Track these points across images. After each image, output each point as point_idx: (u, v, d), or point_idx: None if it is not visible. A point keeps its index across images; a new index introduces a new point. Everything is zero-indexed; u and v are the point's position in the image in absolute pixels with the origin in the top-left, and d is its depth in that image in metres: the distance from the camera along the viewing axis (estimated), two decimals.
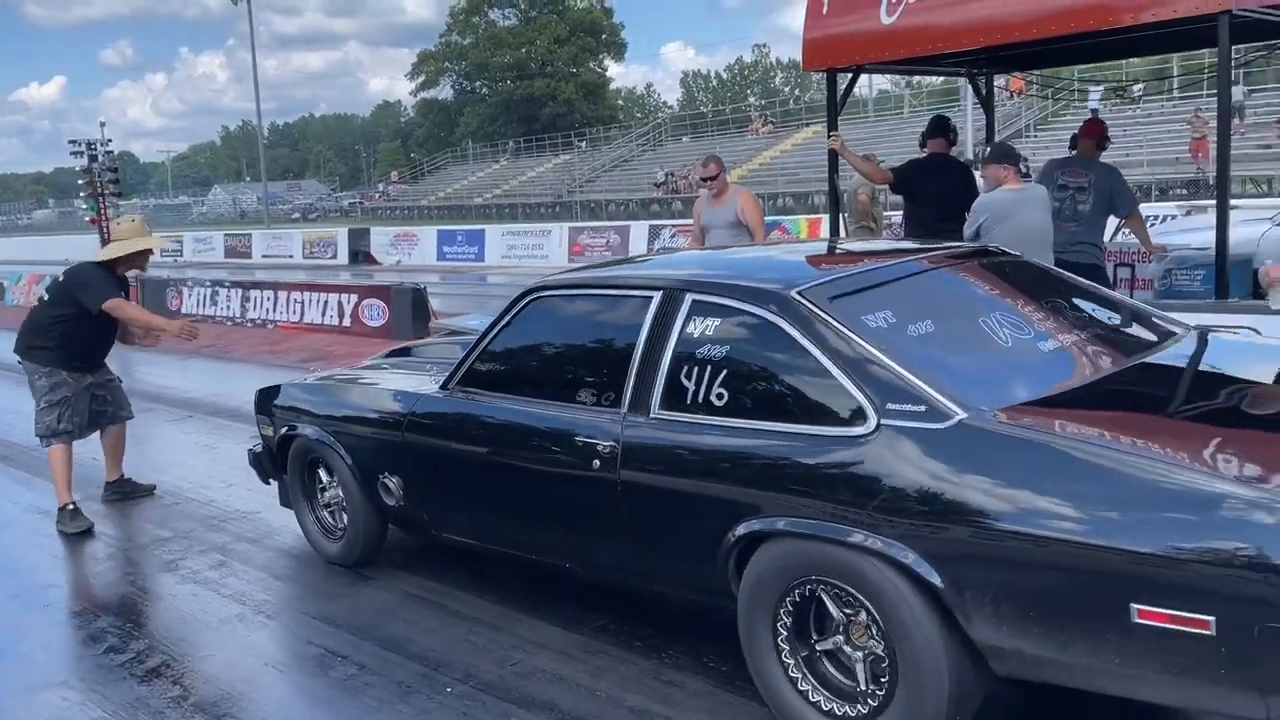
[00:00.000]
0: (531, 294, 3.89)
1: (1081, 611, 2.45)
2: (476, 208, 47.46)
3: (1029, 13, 5.86)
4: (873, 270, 3.42)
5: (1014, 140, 27.91)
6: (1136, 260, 7.49)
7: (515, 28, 67.83)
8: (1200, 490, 2.33)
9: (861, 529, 2.72)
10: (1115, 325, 3.54)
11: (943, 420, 2.67)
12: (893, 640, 2.73)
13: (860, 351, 2.88)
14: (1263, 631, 2.19)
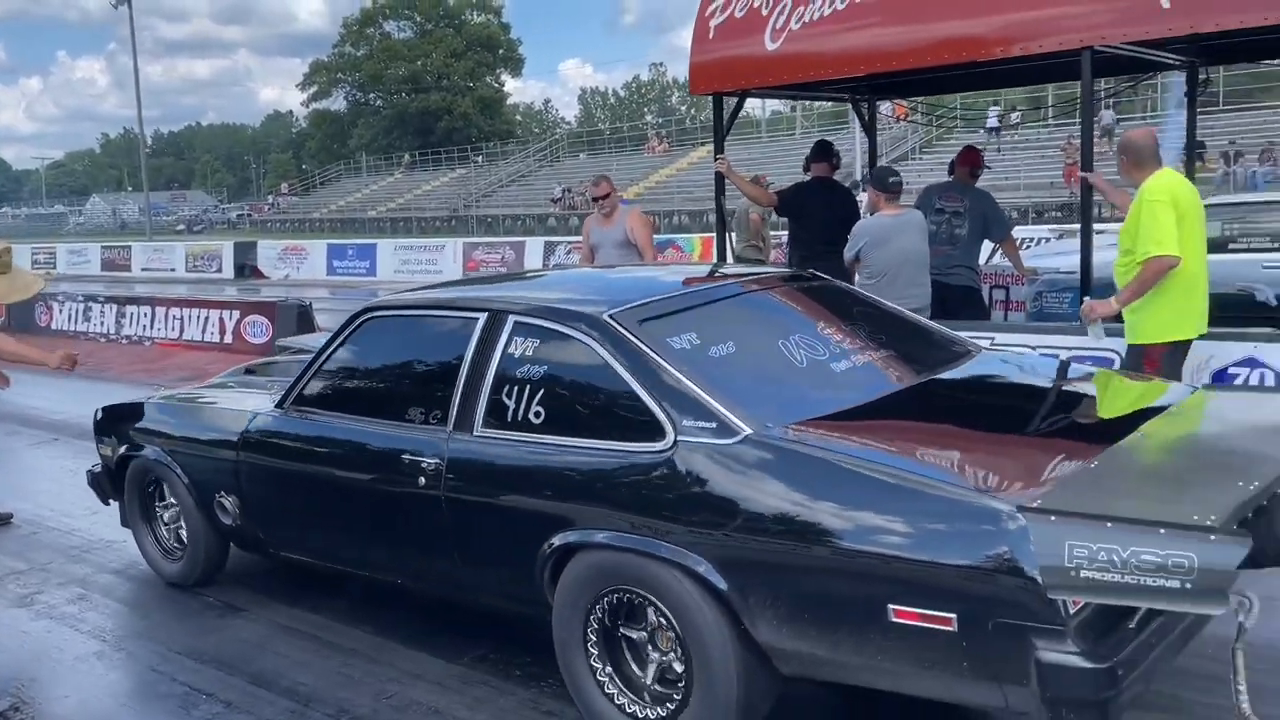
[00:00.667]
0: (364, 314, 3.98)
1: (849, 613, 2.65)
2: (370, 221, 46.64)
3: (907, 43, 6.03)
4: (685, 295, 3.61)
5: (900, 163, 28.72)
6: (1010, 283, 7.76)
7: (410, 40, 67.04)
8: (946, 498, 2.52)
9: (659, 540, 2.89)
10: (909, 345, 3.74)
11: (731, 436, 2.85)
12: (688, 644, 2.89)
13: (662, 372, 3.04)
14: (996, 626, 2.39)
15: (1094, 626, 2.41)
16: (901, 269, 6.06)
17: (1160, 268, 4.59)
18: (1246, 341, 5.11)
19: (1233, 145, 24.45)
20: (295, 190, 61.51)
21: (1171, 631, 2.58)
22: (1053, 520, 2.30)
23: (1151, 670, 2.52)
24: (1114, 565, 2.19)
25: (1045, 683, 2.34)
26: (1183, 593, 2.15)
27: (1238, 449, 2.92)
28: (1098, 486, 2.54)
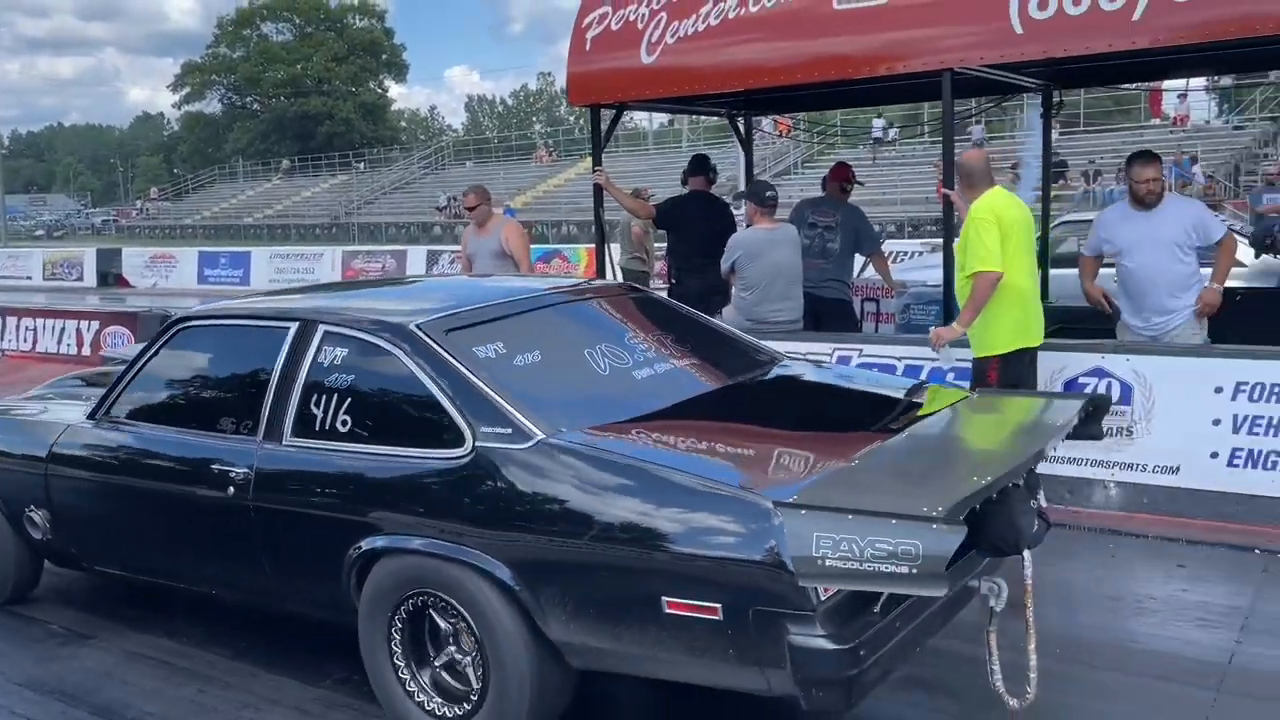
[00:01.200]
0: (177, 324, 3.99)
1: (628, 606, 2.79)
2: (246, 228, 45.21)
3: (779, 61, 6.14)
4: (496, 305, 3.68)
5: (783, 178, 29.37)
6: (880, 296, 7.97)
7: (289, 43, 65.38)
8: (712, 494, 2.70)
9: (457, 543, 3.00)
10: (712, 355, 3.93)
11: (525, 441, 2.97)
12: (484, 643, 2.99)
13: (463, 380, 3.14)
14: (755, 614, 2.56)
15: (842, 611, 2.59)
16: (775, 282, 6.17)
17: (986, 283, 4.86)
18: (1094, 352, 5.36)
19: (1092, 164, 25.74)
20: (166, 195, 59.14)
21: (918, 616, 2.78)
22: (803, 514, 2.48)
23: (899, 651, 2.73)
24: (854, 554, 2.37)
25: (796, 664, 2.52)
26: (910, 577, 2.34)
27: (980, 447, 3.21)
28: (850, 482, 2.76)
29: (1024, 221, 5.04)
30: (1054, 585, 4.39)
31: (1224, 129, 29.04)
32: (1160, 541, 4.79)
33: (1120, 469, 5.24)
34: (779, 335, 6.24)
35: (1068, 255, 9.30)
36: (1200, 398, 5.06)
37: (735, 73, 6.31)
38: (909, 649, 2.82)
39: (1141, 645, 3.82)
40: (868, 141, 31.12)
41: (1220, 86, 27.32)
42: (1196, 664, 3.59)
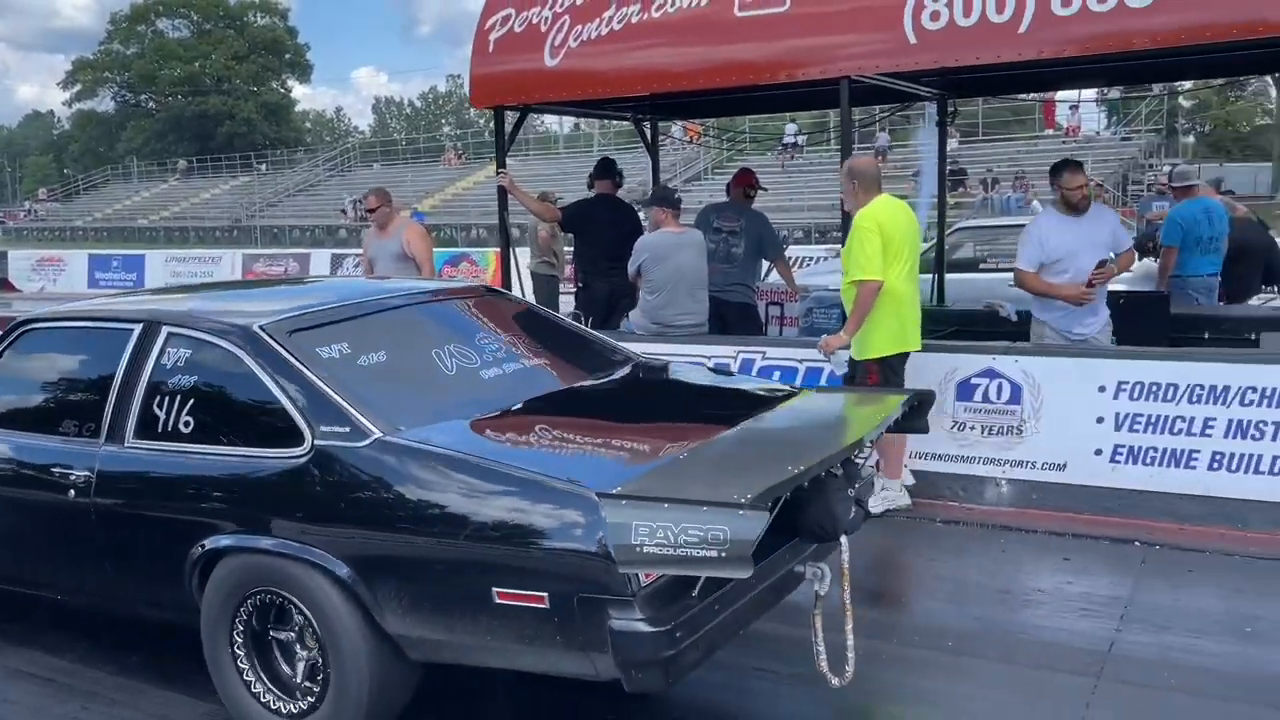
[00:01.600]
0: (21, 326, 3.97)
1: (461, 598, 2.87)
2: (142, 230, 43.68)
3: (680, 66, 6.20)
4: (346, 307, 3.72)
5: (692, 183, 29.64)
6: (784, 300, 8.10)
7: (186, 40, 63.35)
8: (540, 487, 2.77)
9: (296, 540, 3.05)
10: (565, 355, 4.05)
11: (362, 439, 3.03)
12: (323, 638, 3.04)
13: (305, 380, 3.18)
14: (580, 601, 2.66)
15: (661, 596, 2.70)
16: (680, 285, 6.23)
17: (867, 292, 5.02)
18: (986, 354, 5.53)
19: (990, 173, 26.54)
20: (56, 196, 56.78)
21: (739, 599, 2.88)
22: (623, 504, 2.58)
23: (719, 633, 2.84)
24: (669, 540, 2.48)
25: (617, 648, 2.62)
26: (719, 560, 2.46)
27: (798, 440, 3.32)
28: (671, 474, 2.86)
29: (907, 229, 5.18)
30: (947, 580, 4.54)
31: (1112, 140, 30.24)
32: (1048, 536, 4.97)
33: (1011, 467, 5.42)
34: (684, 338, 6.30)
35: (963, 260, 9.62)
36: (1085, 397, 5.27)
37: (638, 77, 6.35)
38: (730, 631, 2.93)
39: (1029, 636, 3.95)
40: (775, 148, 31.57)
41: (1109, 99, 28.53)
42: (1079, 653, 3.73)
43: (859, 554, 5.04)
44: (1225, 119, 48.68)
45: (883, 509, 5.28)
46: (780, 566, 3.05)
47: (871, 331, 5.13)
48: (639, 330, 6.46)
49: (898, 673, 3.65)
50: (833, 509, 3.01)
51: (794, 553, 3.11)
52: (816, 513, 3.00)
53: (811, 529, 3.04)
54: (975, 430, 5.49)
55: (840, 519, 3.02)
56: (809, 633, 3.15)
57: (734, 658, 3.54)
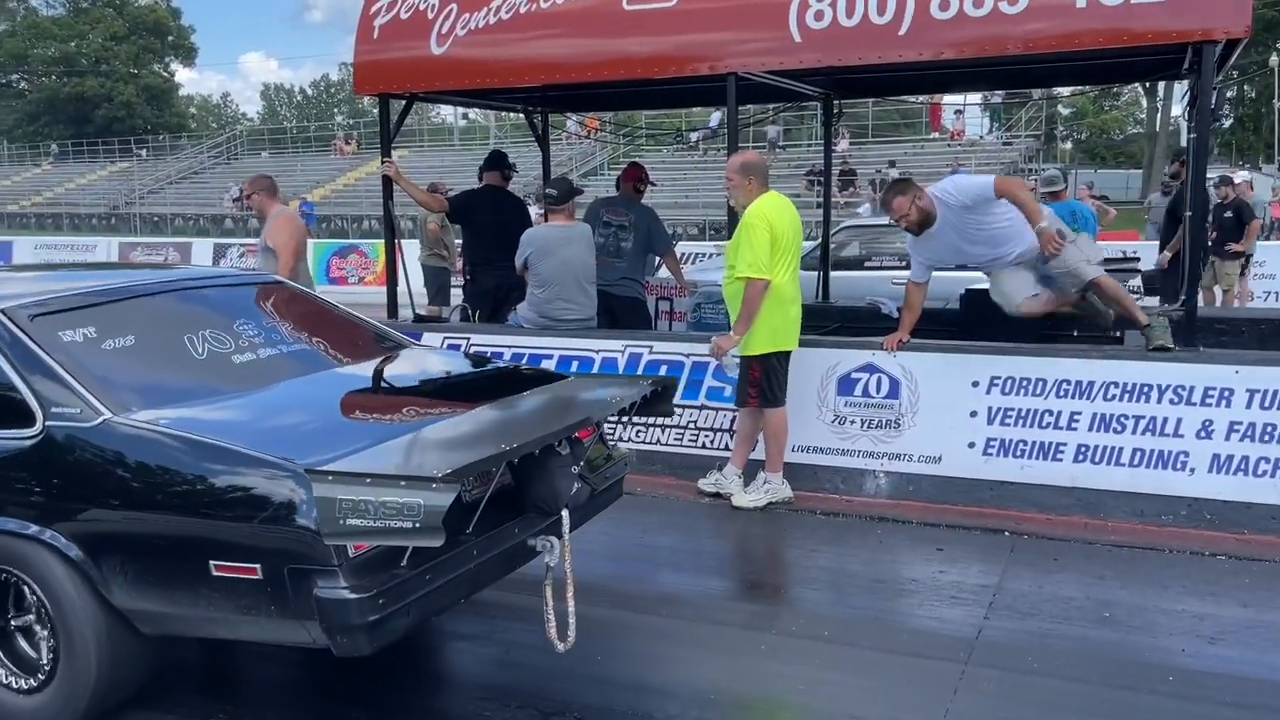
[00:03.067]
0: None
1: (182, 571, 2.98)
2: (11, 216, 41.52)
3: (568, 59, 6.17)
4: (98, 291, 3.78)
5: (588, 177, 29.55)
6: (673, 295, 8.14)
7: (62, 18, 60.40)
8: (254, 463, 2.91)
9: (26, 520, 3.14)
10: (330, 342, 4.17)
11: (92, 419, 3.13)
12: (53, 614, 3.12)
13: (40, 362, 3.26)
14: (290, 572, 2.81)
15: (371, 566, 2.84)
16: (565, 279, 6.19)
17: (756, 290, 5.09)
18: (866, 350, 5.65)
19: (880, 174, 27.19)
20: None
21: (456, 569, 3.02)
22: (330, 479, 2.70)
23: (432, 601, 2.98)
24: (370, 512, 2.63)
25: (323, 614, 2.77)
26: (415, 530, 2.62)
27: (521, 421, 3.49)
28: (385, 450, 3.03)
29: (792, 227, 5.25)
30: (826, 571, 4.62)
31: (995, 143, 31.36)
32: (923, 527, 5.10)
33: (889, 460, 5.54)
34: (571, 333, 6.27)
35: (849, 259, 9.83)
36: (959, 391, 5.43)
37: (527, 68, 6.29)
38: (444, 598, 3.08)
39: (901, 624, 4.04)
40: (671, 145, 31.73)
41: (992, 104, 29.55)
42: (948, 640, 3.84)
43: (742, 545, 5.16)
44: (1100, 126, 50.99)
45: (765, 501, 5.35)
46: (508, 539, 3.21)
47: (759, 329, 5.18)
48: (526, 324, 6.41)
49: (776, 662, 3.69)
50: (555, 484, 3.25)
51: (526, 526, 3.27)
52: (540, 487, 3.25)
53: (535, 502, 3.27)
54: (855, 424, 5.61)
55: (561, 493, 3.26)
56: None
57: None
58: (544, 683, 3.54)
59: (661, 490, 5.72)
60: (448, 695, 3.54)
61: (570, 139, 29.24)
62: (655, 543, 5.05)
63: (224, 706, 3.44)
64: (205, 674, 3.77)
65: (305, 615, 2.81)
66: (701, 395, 5.96)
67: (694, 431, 5.97)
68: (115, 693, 3.21)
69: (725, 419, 5.86)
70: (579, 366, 6.21)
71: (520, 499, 3.30)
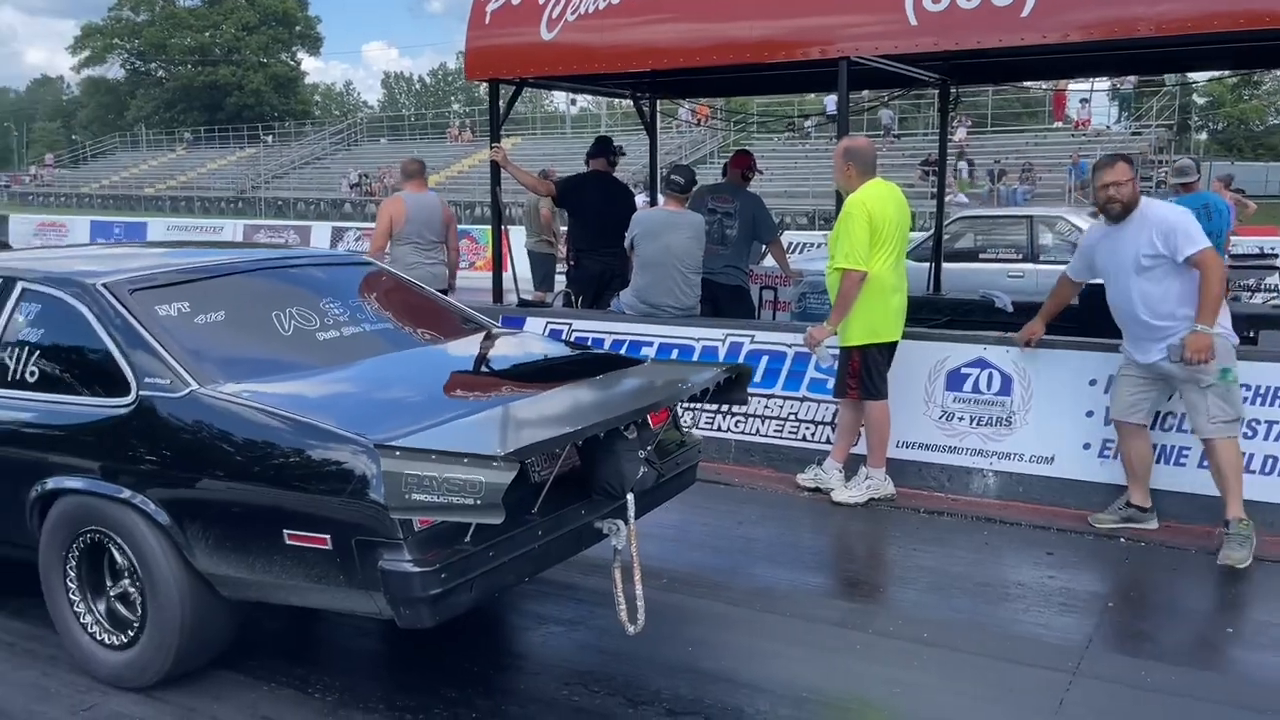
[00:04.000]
0: None
1: (258, 539, 3.09)
2: (147, 198, 43.58)
3: (677, 43, 6.11)
4: (195, 269, 3.92)
5: (698, 165, 29.40)
6: (778, 284, 8.03)
7: (198, 9, 62.97)
8: (328, 437, 2.99)
9: (120, 484, 3.28)
10: (413, 322, 4.25)
11: (180, 390, 3.26)
12: (142, 575, 3.27)
13: (136, 334, 3.41)
14: (358, 544, 2.88)
15: (435, 541, 2.89)
16: (668, 265, 6.14)
17: (851, 282, 4.95)
18: (977, 344, 5.45)
19: (998, 164, 26.36)
20: (63, 162, 56.70)
21: (520, 549, 3.06)
22: (397, 455, 2.79)
23: (495, 577, 3.03)
24: (434, 488, 2.70)
25: (388, 586, 2.84)
26: (476, 507, 2.68)
27: (588, 405, 3.46)
28: (453, 429, 3.08)
29: (897, 216, 5.09)
30: (928, 571, 4.48)
31: (1122, 134, 30.00)
32: (1032, 530, 4.90)
33: (998, 459, 5.34)
34: (673, 320, 6.23)
35: (963, 250, 9.54)
36: (1075, 390, 5.19)
37: (634, 53, 6.26)
38: (508, 575, 3.12)
39: (1006, 629, 3.89)
40: (782, 133, 31.37)
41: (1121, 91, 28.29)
42: (1056, 648, 3.68)
43: (841, 541, 5.05)
44: (1238, 115, 48.35)
45: (866, 497, 5.22)
46: (574, 520, 3.23)
47: (853, 319, 5.06)
48: (628, 310, 6.39)
49: (871, 663, 3.60)
50: (621, 468, 3.27)
51: (592, 509, 3.29)
52: (606, 471, 3.28)
53: (601, 485, 3.30)
54: (964, 421, 5.42)
55: (627, 477, 3.28)
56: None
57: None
58: (634, 671, 3.52)
59: (760, 482, 5.65)
60: (535, 677, 3.55)
61: (680, 126, 29.19)
62: (752, 535, 4.98)
63: (308, 674, 3.51)
64: (293, 642, 3.87)
65: (372, 586, 2.88)
66: (803, 387, 5.85)
67: (794, 424, 5.86)
68: (198, 652, 3.35)
69: (827, 412, 5.75)
70: (679, 354, 6.17)
71: (587, 482, 3.33)
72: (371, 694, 3.38)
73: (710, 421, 6.05)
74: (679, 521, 5.19)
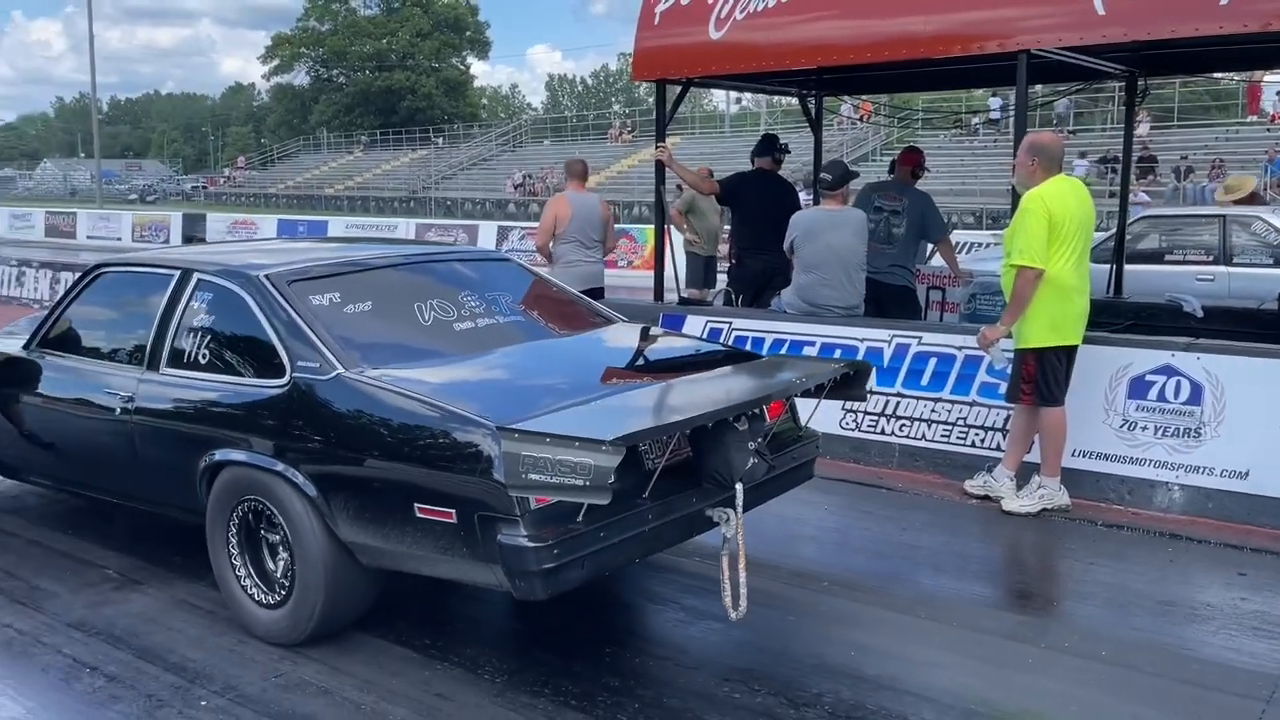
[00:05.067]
0: (96, 269, 4.68)
1: (392, 511, 3.33)
2: (327, 198, 46.02)
3: (848, 39, 6.03)
4: (345, 262, 4.28)
5: (862, 163, 28.85)
6: (946, 284, 7.80)
7: (376, 17, 66.09)
8: (455, 419, 3.21)
9: (274, 457, 3.60)
10: (544, 314, 4.49)
11: (327, 373, 3.55)
12: (292, 541, 3.57)
13: (292, 322, 3.73)
14: (480, 519, 3.08)
15: (549, 518, 3.06)
16: (831, 264, 6.07)
17: (1026, 280, 4.74)
18: (1164, 350, 5.16)
19: (1184, 160, 24.82)
20: (253, 164, 60.51)
21: (629, 530, 3.20)
22: (516, 437, 2.96)
23: (605, 557, 3.17)
24: (548, 469, 2.88)
25: (505, 559, 3.04)
26: (585, 488, 2.84)
27: (699, 397, 3.52)
28: (569, 414, 3.24)
29: (1078, 213, 4.83)
30: (1105, 586, 4.27)
31: None
32: (1222, 548, 4.61)
33: (1185, 471, 5.04)
34: (836, 320, 6.15)
35: (1146, 251, 9.03)
36: (1274, 401, 4.85)
37: (803, 50, 6.21)
38: (618, 555, 3.25)
39: (1192, 651, 3.67)
40: (949, 129, 30.41)
41: None
42: (1248, 674, 3.45)
43: (1011, 551, 4.88)
44: None
45: (1039, 507, 5.02)
46: (684, 507, 3.35)
47: (1029, 320, 4.86)
48: (790, 309, 6.35)
49: (1044, 678, 3.46)
50: (730, 458, 3.35)
51: (703, 497, 3.39)
52: (715, 460, 3.36)
53: (710, 474, 3.39)
54: (1147, 431, 5.14)
55: (736, 467, 3.35)
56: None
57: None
58: (794, 672, 3.50)
59: (925, 488, 5.51)
60: (694, 671, 3.56)
61: (843, 123, 28.73)
62: (916, 542, 4.86)
63: (478, 654, 3.63)
64: (464, 623, 4.01)
65: (491, 559, 3.08)
66: (973, 391, 5.67)
67: (963, 429, 5.69)
68: (340, 614, 3.63)
69: (998, 417, 5.55)
70: (842, 354, 6.09)
71: (698, 471, 3.43)
72: (537, 678, 3.47)
73: (874, 425, 5.95)
74: (840, 525, 5.14)
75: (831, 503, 5.37)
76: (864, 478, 5.74)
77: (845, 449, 6.00)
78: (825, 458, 5.92)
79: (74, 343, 4.58)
